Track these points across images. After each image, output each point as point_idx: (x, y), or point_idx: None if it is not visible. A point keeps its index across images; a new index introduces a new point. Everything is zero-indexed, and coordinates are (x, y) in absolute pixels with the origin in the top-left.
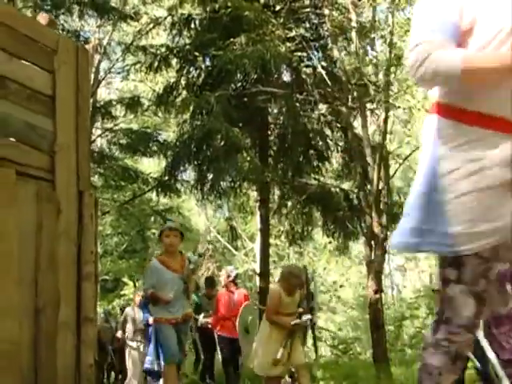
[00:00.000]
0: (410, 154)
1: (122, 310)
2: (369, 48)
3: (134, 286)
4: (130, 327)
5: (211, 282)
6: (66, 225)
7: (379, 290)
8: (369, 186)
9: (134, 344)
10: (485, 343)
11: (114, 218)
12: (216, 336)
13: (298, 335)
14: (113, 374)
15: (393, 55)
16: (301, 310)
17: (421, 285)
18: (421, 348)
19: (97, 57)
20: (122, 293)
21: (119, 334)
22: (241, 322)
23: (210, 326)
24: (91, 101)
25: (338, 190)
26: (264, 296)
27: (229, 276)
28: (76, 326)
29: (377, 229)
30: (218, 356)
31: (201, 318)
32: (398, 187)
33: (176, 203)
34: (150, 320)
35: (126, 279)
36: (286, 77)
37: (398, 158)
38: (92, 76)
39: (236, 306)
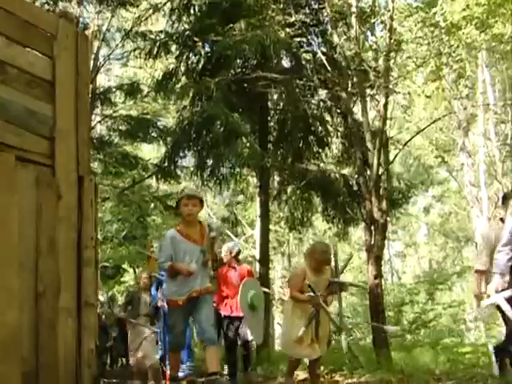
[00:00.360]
0: (410, 140)
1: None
2: (369, 33)
3: (134, 272)
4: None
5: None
6: (65, 210)
7: (379, 275)
8: (368, 172)
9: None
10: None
11: (114, 204)
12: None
13: (324, 319)
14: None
15: (393, 40)
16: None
17: (420, 271)
18: (419, 333)
19: (96, 43)
20: (123, 279)
21: (122, 315)
22: (242, 299)
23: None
24: (90, 87)
25: (337, 175)
26: (264, 282)
27: (231, 252)
28: (76, 311)
29: (376, 214)
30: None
31: None
32: (398, 173)
33: (176, 189)
34: (159, 303)
35: (125, 266)
36: (286, 62)
37: (398, 143)
38: (91, 62)
39: (239, 282)
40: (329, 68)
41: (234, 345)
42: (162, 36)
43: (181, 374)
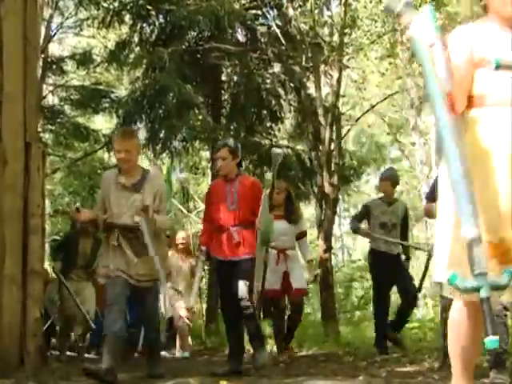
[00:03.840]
0: (362, 116)
1: None
2: (324, 8)
3: None
4: None
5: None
6: (11, 177)
7: (329, 249)
8: (320, 147)
9: None
10: None
11: (65, 176)
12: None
13: None
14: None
15: (348, 16)
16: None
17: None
18: (368, 309)
19: (48, 11)
20: None
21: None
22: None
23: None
24: (42, 56)
25: (290, 150)
26: None
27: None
28: (22, 279)
29: (328, 189)
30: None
31: None
32: (351, 151)
33: None
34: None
35: None
36: (241, 35)
37: (351, 119)
38: (43, 30)
39: (238, 202)
40: (283, 42)
41: (230, 303)
42: (116, 5)
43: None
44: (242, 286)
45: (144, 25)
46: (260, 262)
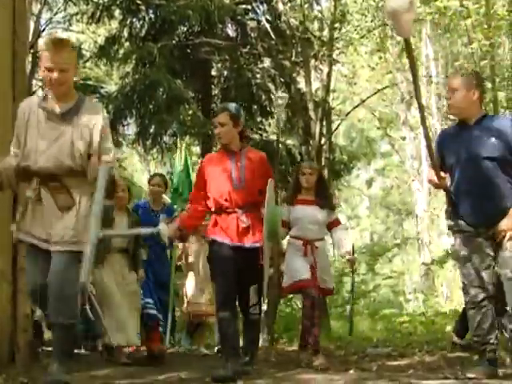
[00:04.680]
0: (352, 110)
1: None
2: (314, 3)
3: None
4: None
5: None
6: None
7: None
8: (311, 142)
9: None
10: None
11: None
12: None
13: None
14: None
15: (338, 11)
16: None
17: (362, 243)
18: (359, 303)
19: (38, 6)
20: None
21: None
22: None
23: None
24: (31, 52)
25: (280, 145)
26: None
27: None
28: (12, 274)
29: None
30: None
31: None
32: (342, 145)
33: (118, 157)
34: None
35: None
36: (230, 30)
37: (341, 114)
38: (32, 26)
39: (247, 180)
40: (273, 36)
41: (230, 300)
42: (106, 0)
43: None
44: (253, 294)
45: (134, 20)
46: (266, 260)
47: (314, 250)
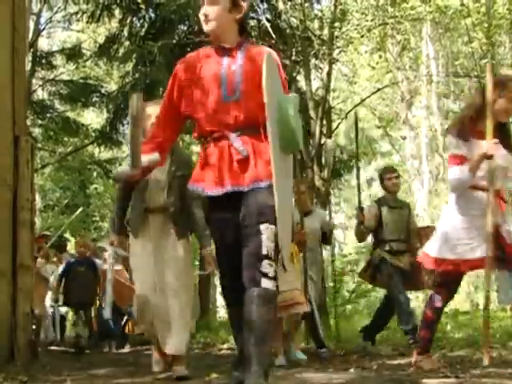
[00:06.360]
0: (352, 109)
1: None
2: (314, 1)
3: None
4: None
5: None
6: (0, 170)
7: None
8: (311, 141)
9: None
10: None
11: (55, 170)
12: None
13: None
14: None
15: (338, 10)
16: None
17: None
18: (360, 303)
19: (38, 6)
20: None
21: None
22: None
23: None
24: (32, 50)
25: None
26: None
27: None
28: (12, 274)
29: (318, 182)
30: None
31: None
32: (342, 145)
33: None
34: None
35: (67, 235)
36: None
37: (342, 113)
38: (32, 25)
39: (244, 88)
40: (273, 35)
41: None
42: None
43: None
44: (266, 240)
45: (134, 19)
46: (285, 197)
47: (503, 207)
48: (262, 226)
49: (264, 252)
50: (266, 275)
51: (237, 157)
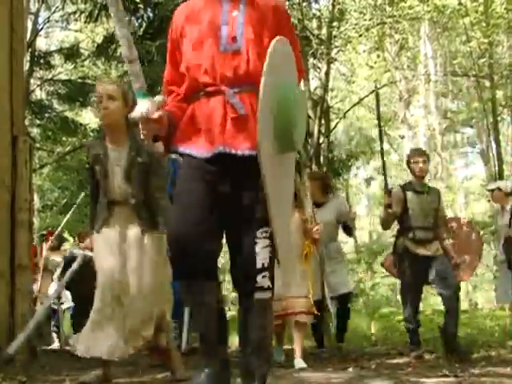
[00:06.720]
0: (350, 109)
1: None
2: (312, 0)
3: (74, 241)
4: None
5: None
6: None
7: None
8: (309, 140)
9: None
10: None
11: (53, 170)
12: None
13: None
14: None
15: (336, 9)
16: None
17: (361, 241)
18: (359, 302)
19: (35, 5)
20: (63, 248)
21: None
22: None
23: None
24: (29, 50)
25: None
26: None
27: None
28: (10, 274)
29: None
30: None
31: None
32: (340, 144)
33: None
34: None
35: (66, 235)
36: None
37: (340, 112)
38: (30, 25)
39: (245, 38)
40: None
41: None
42: None
43: None
44: (261, 251)
45: (132, 18)
46: (281, 189)
47: None
48: (257, 234)
49: (259, 266)
50: (260, 288)
51: (232, 115)
